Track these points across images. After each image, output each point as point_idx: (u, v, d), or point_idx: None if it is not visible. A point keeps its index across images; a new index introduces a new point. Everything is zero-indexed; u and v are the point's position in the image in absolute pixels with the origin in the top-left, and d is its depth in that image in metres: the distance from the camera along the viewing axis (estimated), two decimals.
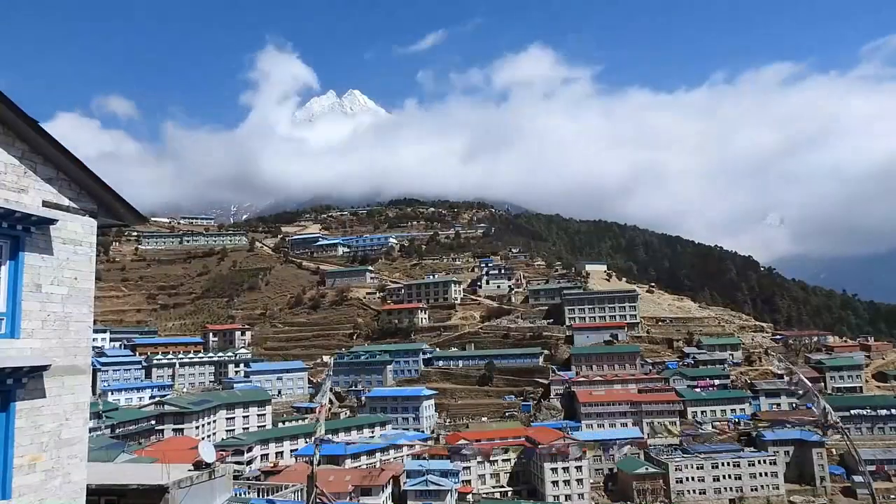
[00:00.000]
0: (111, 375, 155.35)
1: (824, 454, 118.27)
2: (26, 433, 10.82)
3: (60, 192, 11.83)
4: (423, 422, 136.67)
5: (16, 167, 11.04)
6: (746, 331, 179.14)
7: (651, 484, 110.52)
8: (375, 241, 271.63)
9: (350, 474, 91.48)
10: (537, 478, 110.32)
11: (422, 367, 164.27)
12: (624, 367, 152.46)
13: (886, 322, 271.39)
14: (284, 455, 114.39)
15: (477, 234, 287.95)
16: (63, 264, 11.72)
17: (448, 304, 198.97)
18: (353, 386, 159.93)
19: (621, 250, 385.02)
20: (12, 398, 10.63)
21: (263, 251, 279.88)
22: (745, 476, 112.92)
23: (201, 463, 20.05)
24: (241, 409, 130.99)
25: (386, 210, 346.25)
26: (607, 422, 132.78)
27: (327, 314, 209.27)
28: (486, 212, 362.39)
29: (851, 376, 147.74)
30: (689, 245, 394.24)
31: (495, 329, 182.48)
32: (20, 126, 10.91)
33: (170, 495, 17.13)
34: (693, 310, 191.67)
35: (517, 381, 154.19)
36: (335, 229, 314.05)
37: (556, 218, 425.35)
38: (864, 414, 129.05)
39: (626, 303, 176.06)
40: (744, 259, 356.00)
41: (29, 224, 10.97)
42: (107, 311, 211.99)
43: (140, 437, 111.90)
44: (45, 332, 11.27)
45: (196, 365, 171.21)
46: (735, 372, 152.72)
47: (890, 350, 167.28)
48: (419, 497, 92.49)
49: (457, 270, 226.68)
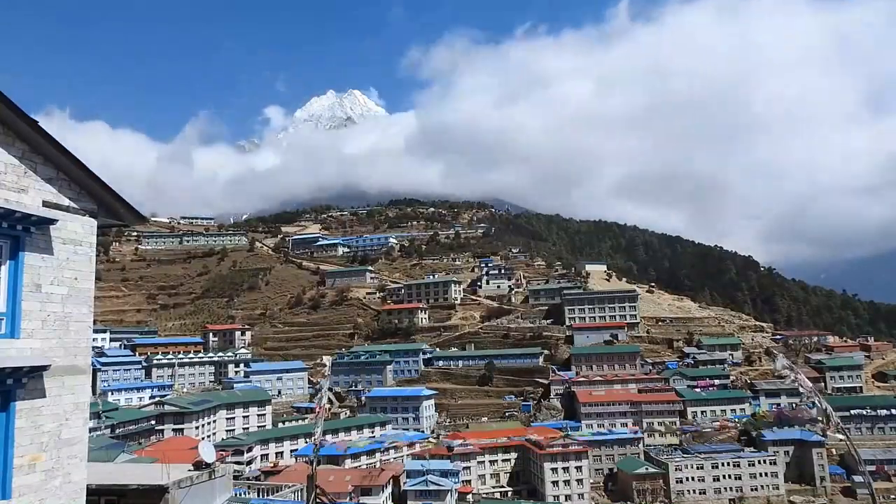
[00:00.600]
0: (111, 375, 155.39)
1: (824, 454, 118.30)
2: (26, 433, 10.81)
3: (60, 192, 11.82)
4: (423, 422, 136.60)
5: (16, 167, 11.03)
6: (746, 331, 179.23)
7: (651, 484, 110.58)
8: (375, 241, 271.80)
9: (350, 474, 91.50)
10: (537, 478, 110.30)
11: (422, 367, 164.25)
12: (624, 367, 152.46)
13: (886, 322, 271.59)
14: (284, 455, 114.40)
15: (477, 234, 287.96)
16: (63, 264, 11.71)
17: (448, 304, 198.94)
18: (353, 386, 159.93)
19: (621, 250, 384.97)
20: (12, 398, 10.63)
21: (263, 251, 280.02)
22: (745, 476, 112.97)
23: (201, 463, 20.04)
24: (241, 409, 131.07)
25: (386, 210, 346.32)
26: (607, 422, 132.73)
27: (327, 314, 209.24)
28: (486, 212, 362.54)
29: (851, 376, 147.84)
30: (689, 245, 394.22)
31: (495, 329, 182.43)
32: (20, 126, 10.90)
33: (170, 495, 17.12)
34: (693, 310, 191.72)
35: (517, 381, 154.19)
36: (335, 229, 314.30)
37: (556, 218, 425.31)
38: (864, 414, 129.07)
39: (626, 303, 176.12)
40: (744, 259, 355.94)
41: (29, 224, 10.96)
42: (107, 311, 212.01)
43: (140, 437, 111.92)
44: (45, 332, 11.26)
45: (196, 365, 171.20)
46: (735, 372, 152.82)
47: (890, 350, 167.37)
48: (419, 497, 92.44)
49: (457, 270, 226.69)
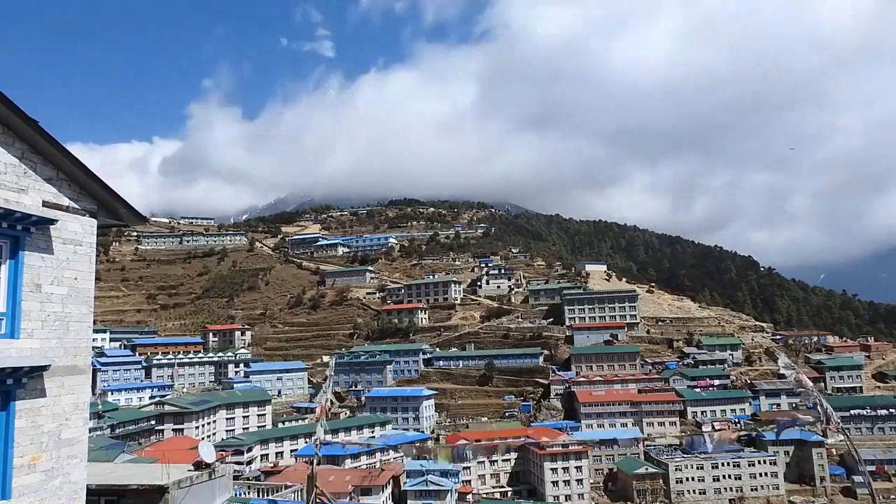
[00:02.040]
0: (111, 375, 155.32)
1: (824, 454, 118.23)
2: (26, 433, 10.80)
3: (60, 192, 11.81)
4: (423, 422, 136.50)
5: (16, 167, 11.02)
6: (746, 331, 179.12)
7: (651, 484, 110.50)
8: (375, 241, 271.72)
9: (350, 474, 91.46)
10: (537, 478, 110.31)
11: (422, 367, 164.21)
12: (624, 367, 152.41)
13: (886, 322, 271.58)
14: (284, 455, 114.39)
15: (477, 234, 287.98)
16: (63, 264, 11.70)
17: (448, 304, 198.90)
18: (352, 386, 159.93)
19: (621, 250, 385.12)
20: (12, 398, 10.62)
21: (263, 251, 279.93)
22: (745, 476, 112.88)
23: (201, 463, 20.03)
24: (241, 409, 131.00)
25: (386, 210, 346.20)
26: (607, 422, 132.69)
27: (327, 314, 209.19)
28: (486, 212, 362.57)
29: (851, 376, 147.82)
30: (689, 245, 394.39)
31: (495, 329, 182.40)
32: (20, 126, 10.89)
33: (170, 495, 17.12)
34: (693, 310, 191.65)
35: (517, 381, 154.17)
36: (335, 229, 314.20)
37: (556, 218, 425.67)
38: (864, 414, 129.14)
39: (626, 303, 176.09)
40: (744, 259, 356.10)
41: (29, 224, 10.95)
42: (107, 311, 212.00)
43: (140, 437, 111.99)
44: (45, 333, 11.25)
45: (196, 365, 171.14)
46: (735, 372, 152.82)
47: (890, 350, 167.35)
48: (419, 497, 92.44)
49: (457, 270, 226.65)
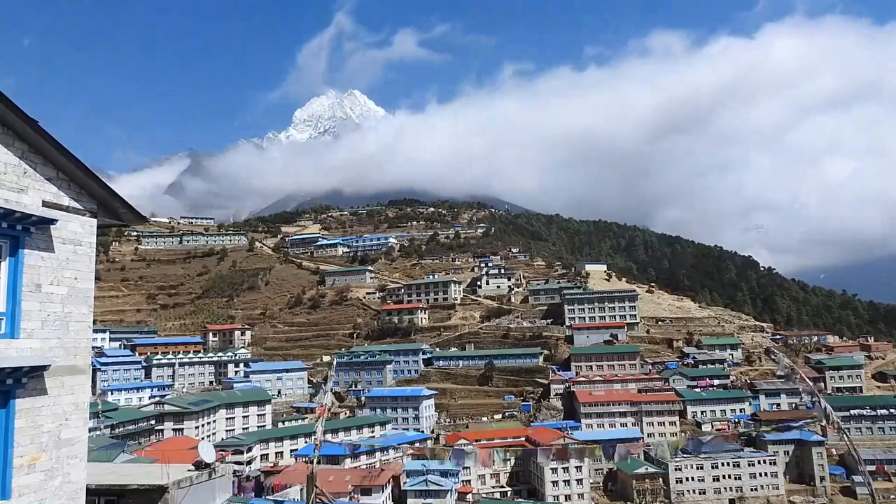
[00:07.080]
0: (111, 375, 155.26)
1: (824, 454, 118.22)
2: (26, 433, 10.81)
3: (60, 192, 11.82)
4: (423, 422, 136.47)
5: (16, 167, 11.03)
6: (746, 331, 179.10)
7: (651, 484, 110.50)
8: (375, 241, 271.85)
9: (350, 474, 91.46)
10: (537, 478, 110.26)
11: (422, 367, 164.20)
12: (624, 366, 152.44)
13: (886, 322, 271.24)
14: (284, 455, 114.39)
15: (477, 234, 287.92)
16: (63, 264, 11.70)
17: (448, 304, 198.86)
18: (352, 386, 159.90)
19: (621, 250, 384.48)
20: (12, 398, 10.63)
21: (263, 251, 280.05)
22: (745, 476, 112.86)
23: (201, 463, 20.00)
24: (240, 409, 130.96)
25: (386, 210, 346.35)
26: (607, 422, 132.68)
27: (327, 314, 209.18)
28: (486, 212, 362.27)
29: (851, 376, 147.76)
30: (689, 245, 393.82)
31: (495, 329, 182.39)
32: (20, 126, 10.90)
33: (170, 495, 17.10)
34: (693, 310, 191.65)
35: (517, 381, 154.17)
36: (335, 229, 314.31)
37: (556, 218, 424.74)
38: (864, 414, 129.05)
39: (626, 303, 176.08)
40: (744, 259, 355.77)
41: (29, 224, 10.96)
42: (107, 311, 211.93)
43: (140, 437, 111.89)
44: (45, 332, 11.26)
45: (196, 365, 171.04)
46: (735, 372, 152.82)
47: (890, 350, 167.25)
48: (419, 497, 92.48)
49: (457, 270, 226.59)
